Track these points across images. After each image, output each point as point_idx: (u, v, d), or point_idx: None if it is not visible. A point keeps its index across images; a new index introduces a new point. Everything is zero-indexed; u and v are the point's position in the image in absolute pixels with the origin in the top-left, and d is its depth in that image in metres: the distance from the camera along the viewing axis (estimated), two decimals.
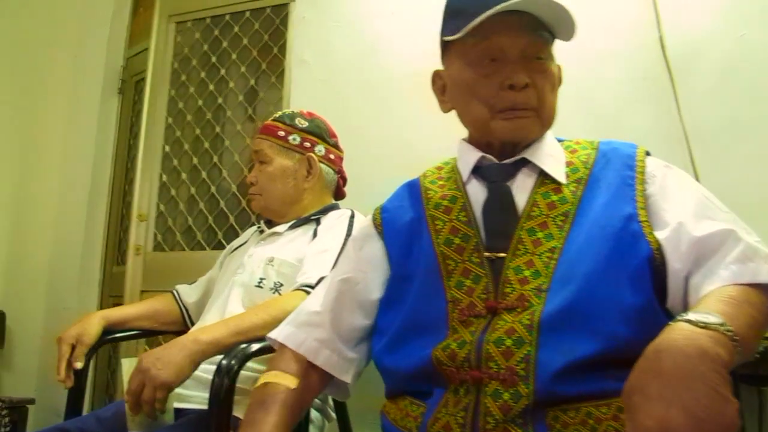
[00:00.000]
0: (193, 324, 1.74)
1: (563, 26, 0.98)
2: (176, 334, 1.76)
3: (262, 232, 1.71)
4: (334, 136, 1.71)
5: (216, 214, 2.47)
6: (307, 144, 1.66)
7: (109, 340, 1.63)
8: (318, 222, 1.60)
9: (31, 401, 2.65)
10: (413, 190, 1.11)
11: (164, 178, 2.64)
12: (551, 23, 0.98)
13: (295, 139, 1.65)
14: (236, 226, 2.40)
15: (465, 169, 1.06)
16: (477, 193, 1.03)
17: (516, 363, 0.84)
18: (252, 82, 2.48)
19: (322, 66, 2.19)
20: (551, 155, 1.02)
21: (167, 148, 2.66)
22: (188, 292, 1.76)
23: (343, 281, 1.07)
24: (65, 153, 3.29)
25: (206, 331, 1.25)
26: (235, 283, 1.54)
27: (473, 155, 1.06)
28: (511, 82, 0.97)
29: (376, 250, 1.07)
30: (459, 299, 0.94)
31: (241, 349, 1.21)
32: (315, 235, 1.55)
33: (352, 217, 1.57)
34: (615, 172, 0.98)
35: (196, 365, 1.22)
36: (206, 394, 1.29)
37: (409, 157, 1.89)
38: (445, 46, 1.07)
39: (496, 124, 1.00)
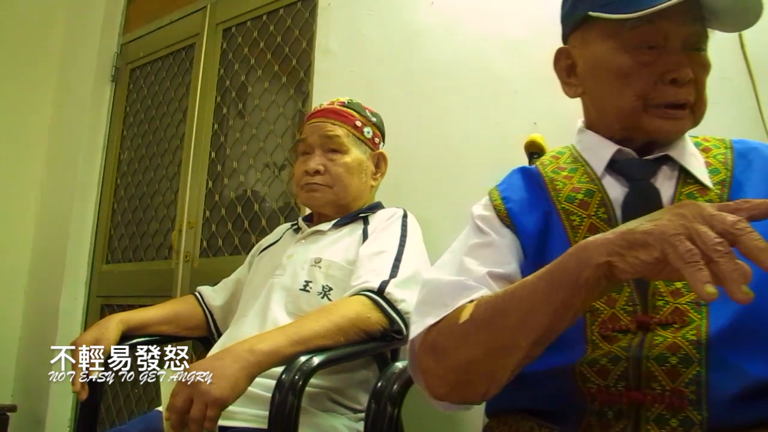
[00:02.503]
0: (217, 330, 1.58)
1: (741, 13, 0.87)
2: (198, 340, 1.61)
3: (297, 230, 1.56)
4: None
5: (251, 217, 2.31)
6: (377, 140, 1.54)
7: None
8: (365, 221, 1.46)
9: (13, 408, 2.44)
10: (534, 178, 0.97)
11: (210, 184, 2.48)
12: (723, 9, 0.87)
13: (368, 132, 1.52)
14: (267, 229, 2.24)
15: (598, 162, 0.93)
16: (614, 189, 0.91)
17: (685, 385, 0.72)
18: (284, 79, 2.32)
19: (352, 56, 2.04)
20: (693, 154, 0.91)
21: (213, 155, 2.50)
22: (213, 295, 1.60)
23: (497, 276, 0.87)
24: (51, 143, 3.10)
25: (263, 340, 1.10)
26: (274, 286, 1.38)
27: (608, 148, 0.93)
28: (675, 75, 0.86)
29: (509, 242, 0.92)
30: (599, 310, 0.81)
31: (304, 362, 1.06)
32: (365, 235, 1.41)
33: (405, 216, 1.44)
34: (760, 174, 0.88)
35: (252, 379, 1.06)
36: (256, 411, 1.15)
37: (451, 155, 1.77)
38: (581, 22, 0.94)
39: (650, 120, 0.88)
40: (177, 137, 2.68)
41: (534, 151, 1.42)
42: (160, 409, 1.34)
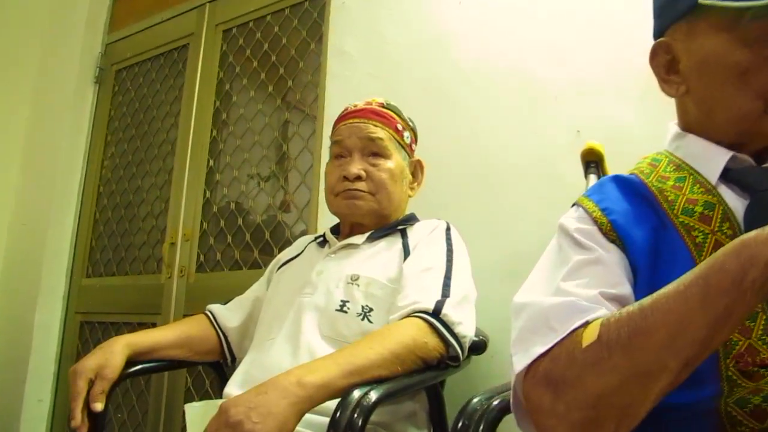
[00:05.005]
0: (232, 354, 1.42)
1: None
2: (210, 366, 1.44)
3: (323, 243, 1.41)
4: None
5: (253, 230, 2.14)
6: (414, 146, 1.41)
7: (132, 373, 1.28)
8: (403, 234, 1.32)
9: None
10: (635, 188, 0.84)
11: (208, 194, 2.30)
12: None
13: (408, 137, 1.39)
14: (271, 243, 2.07)
15: (710, 171, 0.81)
16: (732, 201, 0.78)
17: None
18: (290, 83, 2.17)
19: (369, 58, 1.91)
20: None
21: (211, 162, 2.32)
22: (227, 315, 1.43)
23: (610, 298, 0.74)
24: (27, 147, 2.90)
25: (312, 370, 0.94)
26: (304, 306, 1.23)
27: (720, 154, 0.81)
28: None
29: (616, 259, 0.78)
30: (732, 341, 0.69)
31: (362, 397, 0.91)
32: (406, 250, 1.26)
33: (449, 230, 1.30)
34: None
35: (301, 416, 0.91)
36: None
37: (483, 166, 1.65)
38: (687, 11, 0.82)
39: None
40: (168, 143, 2.51)
41: (592, 160, 1.30)
42: None
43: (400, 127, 1.38)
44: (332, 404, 0.94)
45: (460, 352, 1.09)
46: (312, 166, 2.02)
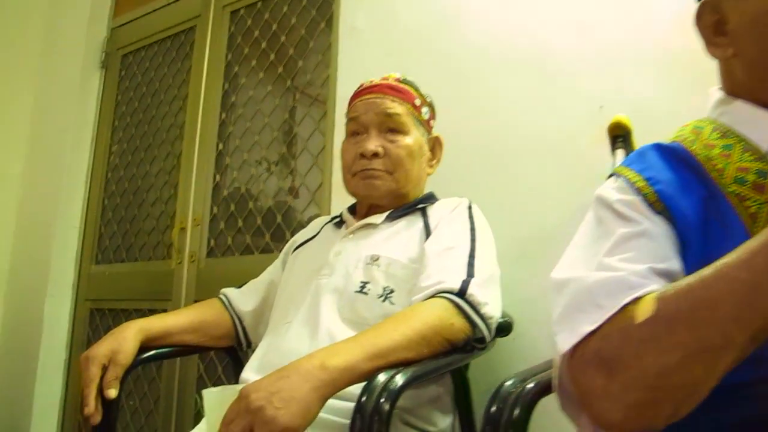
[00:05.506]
0: (247, 338, 1.38)
1: None
2: (224, 351, 1.40)
3: (340, 223, 1.37)
4: None
5: (264, 214, 2.10)
6: (432, 123, 1.36)
7: (146, 359, 1.24)
8: (424, 213, 1.27)
9: None
10: (679, 156, 0.79)
11: (217, 178, 2.26)
12: None
13: (426, 113, 1.34)
14: (283, 227, 2.03)
15: (761, 137, 0.76)
16: None
17: None
18: (300, 63, 2.12)
19: (382, 34, 1.86)
20: None
21: (221, 146, 2.28)
22: (241, 299, 1.39)
23: (661, 273, 0.69)
24: (33, 134, 2.85)
25: (335, 353, 0.90)
26: (322, 288, 1.19)
27: None
28: None
29: (664, 232, 0.73)
30: None
31: (388, 381, 0.87)
32: (427, 229, 1.22)
33: (471, 207, 1.25)
34: None
35: (325, 401, 0.86)
36: None
37: (500, 144, 1.60)
38: None
39: None
40: (176, 127, 2.46)
41: (619, 134, 1.25)
42: None
43: (418, 102, 1.33)
44: (355, 389, 0.90)
45: (487, 333, 1.05)
46: (324, 147, 1.97)
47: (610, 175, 0.83)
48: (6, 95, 2.81)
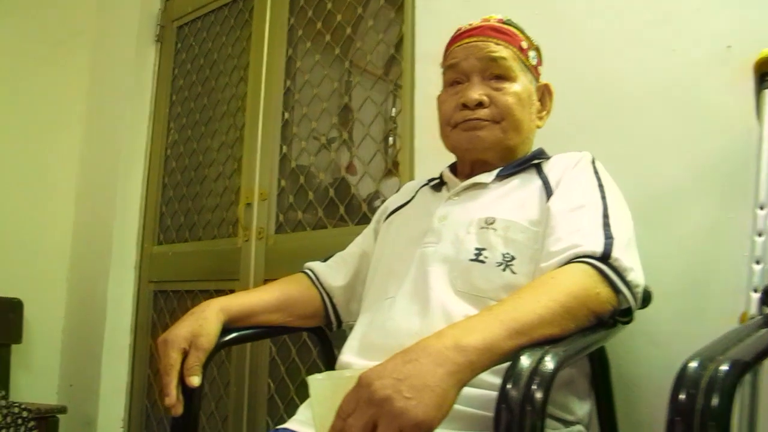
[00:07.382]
0: (338, 317, 1.23)
1: None
2: (312, 332, 1.26)
3: (439, 185, 1.21)
4: None
5: (337, 185, 1.96)
6: (540, 69, 1.18)
7: (229, 341, 1.11)
8: (539, 169, 1.10)
9: (62, 410, 2.12)
10: None
11: (284, 150, 2.12)
12: None
13: (534, 57, 1.17)
14: (358, 197, 1.89)
15: None
16: None
17: None
18: (370, 23, 1.96)
19: None
20: None
21: (286, 116, 2.14)
22: (329, 273, 1.24)
23: None
24: (90, 113, 2.77)
25: (470, 330, 0.74)
26: (428, 258, 1.03)
27: None
28: None
29: None
30: None
31: (537, 363, 0.70)
32: (547, 187, 1.04)
33: (594, 162, 1.08)
34: None
35: (461, 388, 0.70)
36: None
37: (610, 90, 1.41)
38: None
39: None
40: (237, 98, 2.34)
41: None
42: (290, 427, 1.00)
43: (524, 45, 1.15)
44: (486, 375, 0.74)
45: (633, 303, 0.88)
46: (401, 110, 1.80)
47: None
48: (60, 76, 2.74)
